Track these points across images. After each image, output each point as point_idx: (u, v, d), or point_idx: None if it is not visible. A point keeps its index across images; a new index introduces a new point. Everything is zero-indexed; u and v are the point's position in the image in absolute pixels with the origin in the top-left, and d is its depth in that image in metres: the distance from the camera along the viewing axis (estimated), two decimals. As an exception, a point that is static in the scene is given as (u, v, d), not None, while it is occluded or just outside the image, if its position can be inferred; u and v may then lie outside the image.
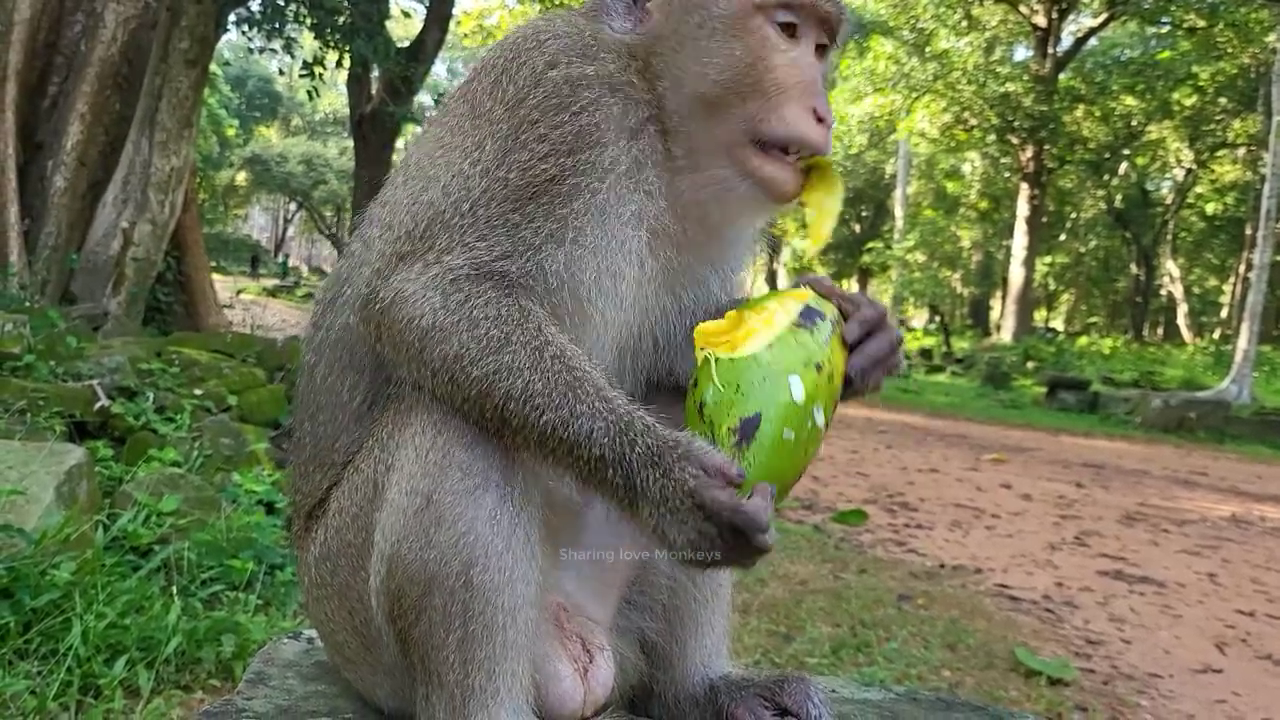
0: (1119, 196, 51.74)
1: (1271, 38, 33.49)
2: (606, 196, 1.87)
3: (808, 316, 1.78)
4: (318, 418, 2.03)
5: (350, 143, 33.62)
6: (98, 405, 7.16)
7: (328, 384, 2.02)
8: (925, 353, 41.88)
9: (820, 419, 1.71)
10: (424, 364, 1.77)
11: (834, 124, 1.96)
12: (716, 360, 1.74)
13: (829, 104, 1.95)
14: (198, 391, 8.06)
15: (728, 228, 2.08)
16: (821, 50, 2.01)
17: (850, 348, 1.87)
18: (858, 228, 61.99)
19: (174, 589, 4.89)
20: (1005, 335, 42.52)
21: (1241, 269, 42.62)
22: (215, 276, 19.71)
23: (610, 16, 2.02)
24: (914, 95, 42.06)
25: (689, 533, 1.62)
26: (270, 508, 6.37)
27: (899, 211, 50.16)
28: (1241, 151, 45.36)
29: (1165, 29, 42.51)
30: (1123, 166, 49.70)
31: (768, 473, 1.66)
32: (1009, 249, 45.41)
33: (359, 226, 2.09)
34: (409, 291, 1.78)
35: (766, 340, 1.74)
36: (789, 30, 1.94)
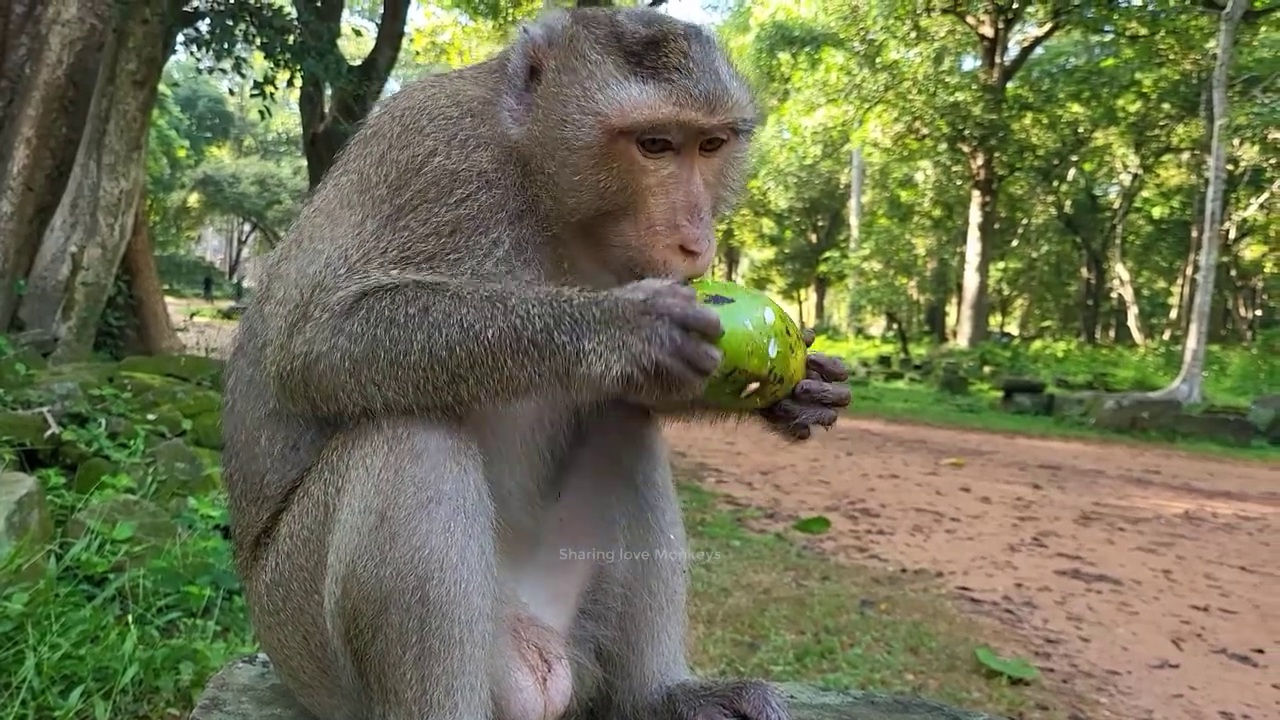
0: (1068, 202, 52.58)
1: (1211, 44, 34.26)
2: (495, 270, 1.89)
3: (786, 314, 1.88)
4: (242, 456, 2.05)
5: (304, 162, 33.41)
6: (48, 433, 7.03)
7: (247, 429, 2.04)
8: (883, 359, 42.19)
9: (772, 351, 1.78)
10: (363, 387, 1.79)
11: (707, 245, 1.91)
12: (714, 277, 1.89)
13: (703, 224, 1.91)
14: (151, 416, 7.94)
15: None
16: (714, 144, 1.97)
17: (810, 372, 1.93)
18: (814, 238, 62.51)
19: (130, 617, 4.82)
20: (961, 341, 42.97)
21: (1189, 271, 43.40)
22: (168, 299, 19.46)
23: (508, 91, 2.00)
24: (866, 106, 42.51)
25: (640, 342, 1.67)
26: (227, 532, 6.28)
27: (854, 221, 50.71)
28: (1186, 156, 46.26)
29: (1109, 37, 43.28)
30: (1071, 173, 50.52)
31: (722, 338, 1.73)
32: (963, 255, 45.96)
33: (264, 287, 2.08)
34: (315, 351, 1.80)
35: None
36: (661, 146, 1.90)
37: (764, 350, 1.77)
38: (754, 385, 1.81)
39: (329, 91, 19.61)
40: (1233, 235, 45.24)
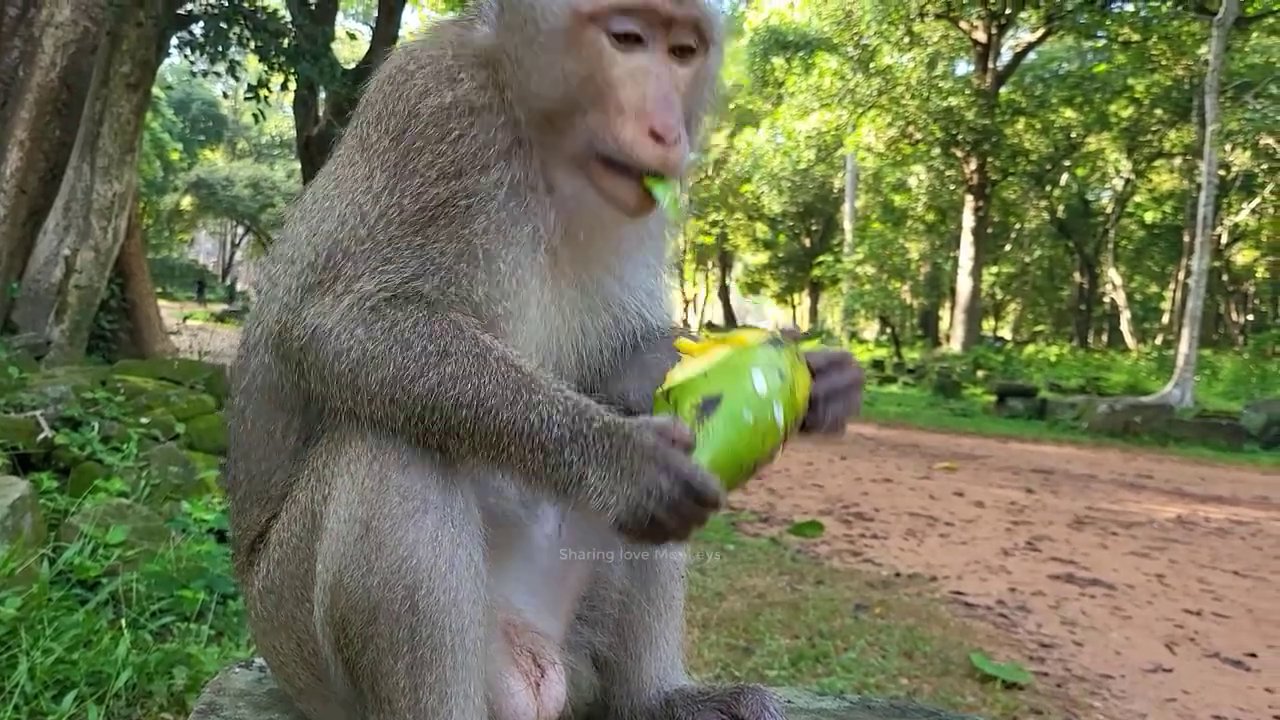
0: (1061, 207, 52.69)
1: (1203, 50, 34.36)
2: (501, 216, 1.87)
3: (773, 340, 1.82)
4: (251, 455, 2.02)
5: (298, 165, 33.35)
6: (41, 436, 7.01)
7: (259, 425, 2.00)
8: (877, 364, 42.25)
9: (780, 417, 1.73)
10: (358, 391, 1.76)
11: (679, 139, 1.81)
12: (685, 358, 1.82)
13: (676, 117, 1.81)
14: (144, 420, 7.91)
15: (606, 238, 2.04)
16: (684, 53, 1.90)
17: (815, 376, 1.88)
18: (808, 242, 62.62)
19: (123, 622, 4.80)
20: (955, 345, 43.02)
21: (1181, 275, 43.52)
22: (161, 303, 19.36)
23: (481, 19, 2.00)
24: (859, 110, 42.56)
25: (640, 490, 1.63)
26: (221, 536, 6.26)
27: (848, 225, 50.73)
28: (1178, 161, 46.40)
29: (1101, 43, 43.46)
30: (1064, 177, 50.65)
31: (725, 446, 1.69)
32: (956, 260, 46.02)
33: (265, 265, 2.06)
34: (329, 326, 1.78)
35: (735, 346, 1.80)
36: (631, 39, 1.83)
37: (772, 425, 1.72)
38: (782, 450, 1.79)
39: (323, 95, 19.57)
40: (1224, 240, 45.42)
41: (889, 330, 50.74)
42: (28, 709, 4.01)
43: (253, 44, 14.56)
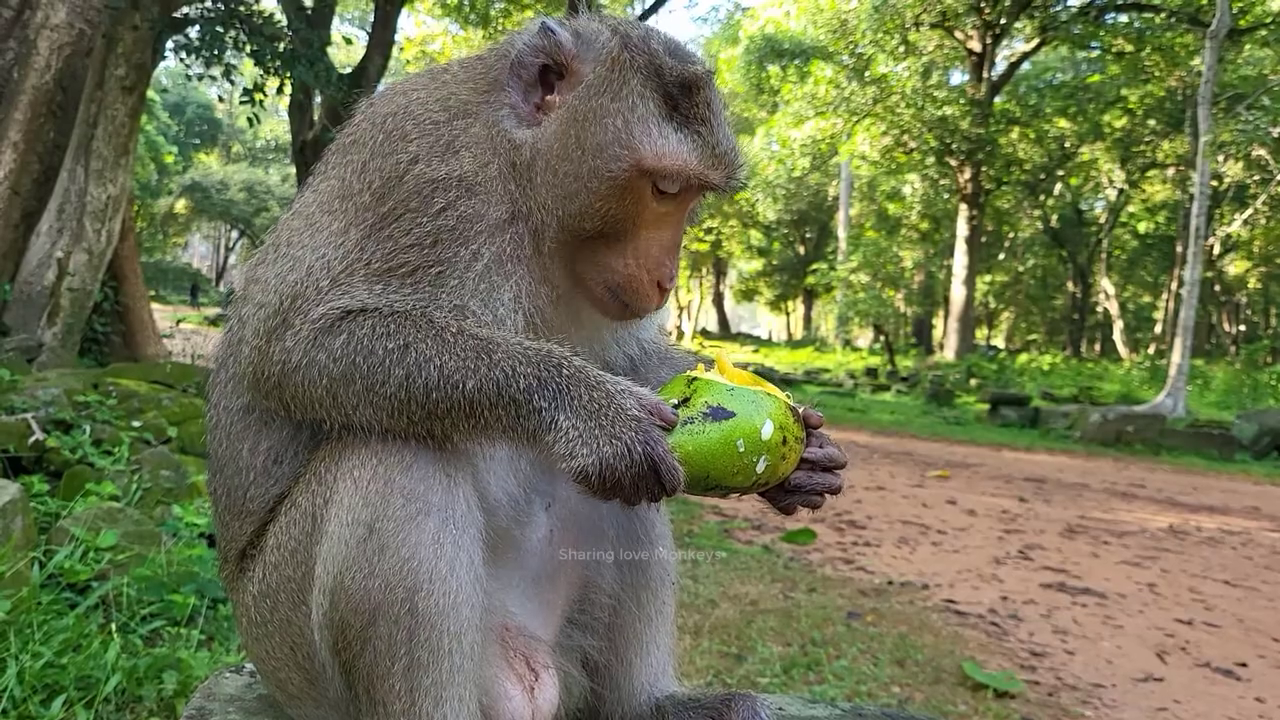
0: (1055, 216, 52.91)
1: (1197, 61, 34.57)
2: (476, 285, 1.88)
3: (794, 409, 1.88)
4: (225, 471, 2.03)
5: (292, 169, 33.34)
6: (32, 439, 6.99)
7: (230, 444, 2.02)
8: (870, 371, 42.33)
9: (759, 468, 1.79)
10: (340, 407, 1.79)
11: (674, 286, 2.01)
12: (725, 373, 1.90)
13: (677, 267, 2.00)
14: (136, 423, 7.90)
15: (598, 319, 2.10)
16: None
17: (803, 464, 1.92)
18: (802, 249, 62.73)
19: (113, 626, 4.78)
20: (948, 353, 43.14)
21: (1173, 285, 43.72)
22: (154, 306, 19.34)
23: (508, 93, 2.00)
24: (854, 119, 42.70)
25: (614, 451, 1.66)
26: (212, 541, 6.23)
27: (842, 233, 50.92)
28: (1171, 171, 46.63)
29: (1095, 53, 43.69)
30: (1057, 187, 50.88)
31: (705, 452, 1.74)
32: (950, 268, 46.17)
33: (242, 291, 2.07)
34: (294, 361, 1.80)
35: (766, 391, 1.86)
36: (667, 195, 1.95)
37: (751, 468, 1.78)
38: (735, 494, 1.85)
39: (318, 99, 19.62)
40: (1217, 250, 45.62)
41: (883, 338, 50.84)
42: (16, 713, 3.98)
43: (248, 48, 14.58)
